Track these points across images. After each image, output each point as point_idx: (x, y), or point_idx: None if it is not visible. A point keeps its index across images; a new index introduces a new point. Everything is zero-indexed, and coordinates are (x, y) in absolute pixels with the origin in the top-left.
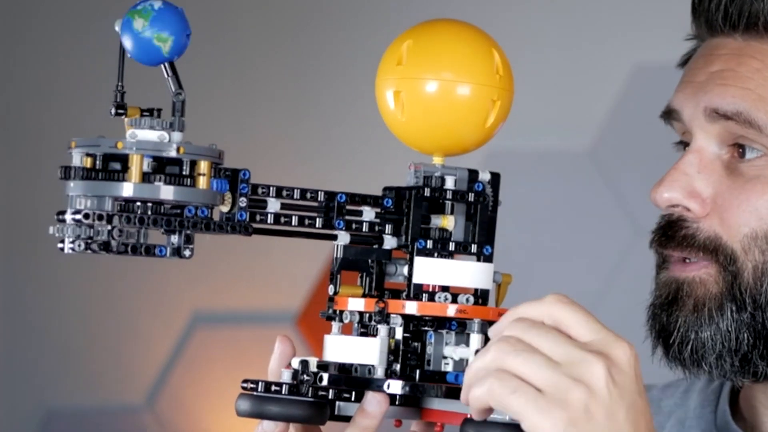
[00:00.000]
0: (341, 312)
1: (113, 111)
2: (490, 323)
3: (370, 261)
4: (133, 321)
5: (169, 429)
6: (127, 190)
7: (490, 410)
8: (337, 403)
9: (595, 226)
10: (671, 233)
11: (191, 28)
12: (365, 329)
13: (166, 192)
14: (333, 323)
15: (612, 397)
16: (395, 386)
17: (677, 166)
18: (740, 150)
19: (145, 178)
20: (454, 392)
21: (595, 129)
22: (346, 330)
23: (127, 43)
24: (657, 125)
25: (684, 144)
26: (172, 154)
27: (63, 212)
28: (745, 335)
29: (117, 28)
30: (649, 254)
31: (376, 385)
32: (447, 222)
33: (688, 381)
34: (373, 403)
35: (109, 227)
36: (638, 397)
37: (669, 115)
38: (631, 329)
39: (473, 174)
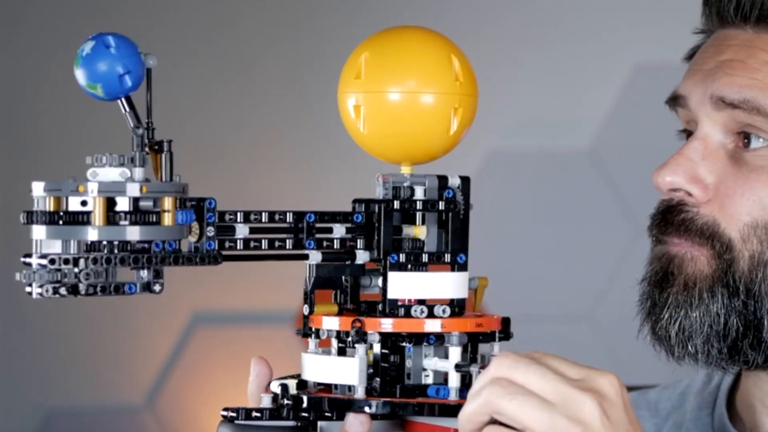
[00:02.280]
0: (317, 329)
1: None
2: (469, 335)
3: (343, 277)
4: (133, 321)
5: (169, 429)
6: (92, 234)
7: None
8: (318, 423)
9: (595, 225)
10: (670, 218)
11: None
12: (343, 344)
13: (132, 233)
14: (310, 340)
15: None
16: (375, 406)
17: (681, 151)
18: (745, 140)
19: (110, 217)
20: (433, 409)
21: (595, 128)
22: (324, 344)
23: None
24: (657, 125)
25: (687, 133)
26: (135, 194)
27: (29, 255)
28: (735, 321)
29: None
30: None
31: (358, 406)
32: (419, 232)
33: (686, 382)
34: (356, 424)
35: (76, 270)
36: (630, 427)
37: (675, 101)
38: (631, 328)
39: (443, 180)
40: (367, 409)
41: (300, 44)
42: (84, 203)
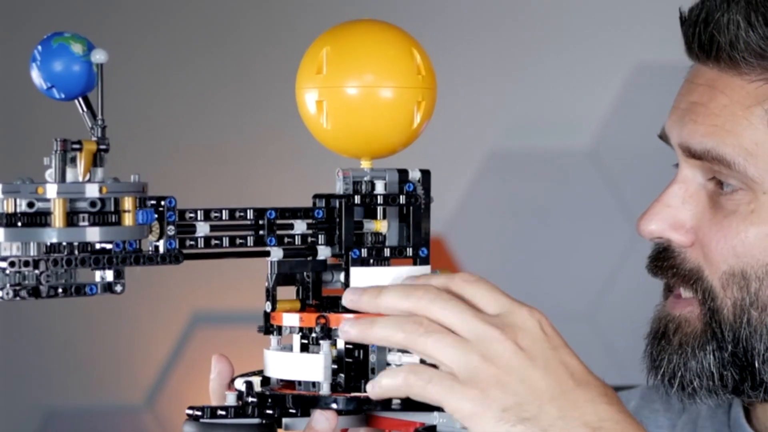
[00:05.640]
0: (279, 326)
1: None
2: None
3: (305, 273)
4: (133, 321)
5: (169, 429)
6: (52, 236)
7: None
8: (283, 420)
9: (595, 226)
10: (659, 262)
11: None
12: (306, 340)
13: (92, 234)
14: (271, 337)
15: (522, 363)
16: (341, 403)
17: (661, 198)
18: (719, 183)
19: (70, 218)
20: (398, 405)
21: (595, 129)
22: (286, 341)
23: (66, 67)
24: (657, 125)
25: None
26: (95, 194)
27: None
28: (730, 373)
29: (100, 58)
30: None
31: (324, 403)
32: (380, 226)
33: None
34: (321, 421)
35: (37, 272)
36: (552, 352)
37: (664, 138)
38: (631, 328)
39: (403, 174)
40: (333, 405)
41: (298, 44)
42: (31, 205)
